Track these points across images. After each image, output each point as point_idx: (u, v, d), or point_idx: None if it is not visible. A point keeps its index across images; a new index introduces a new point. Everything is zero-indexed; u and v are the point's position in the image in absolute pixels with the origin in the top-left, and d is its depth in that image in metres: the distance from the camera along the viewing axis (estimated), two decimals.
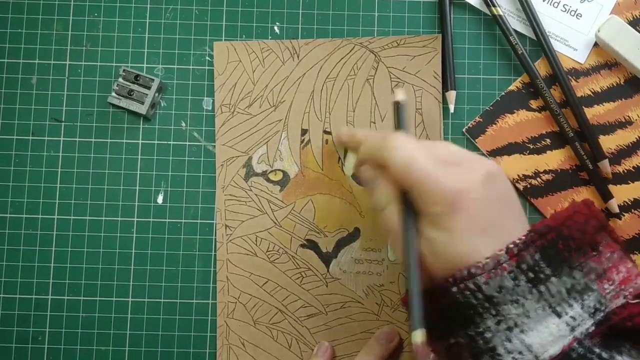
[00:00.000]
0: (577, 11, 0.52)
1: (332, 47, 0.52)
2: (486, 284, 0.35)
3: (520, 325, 0.35)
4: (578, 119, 0.50)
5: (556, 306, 0.35)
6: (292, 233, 0.51)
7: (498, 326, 0.35)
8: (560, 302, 0.35)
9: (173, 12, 0.53)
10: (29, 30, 0.52)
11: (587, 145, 0.50)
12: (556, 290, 0.35)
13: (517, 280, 0.35)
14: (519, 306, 0.35)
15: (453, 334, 0.36)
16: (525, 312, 0.35)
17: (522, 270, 0.35)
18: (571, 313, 0.35)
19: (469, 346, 0.35)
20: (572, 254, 0.36)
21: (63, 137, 0.52)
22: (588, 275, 0.36)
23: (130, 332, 0.50)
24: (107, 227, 0.51)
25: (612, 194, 0.50)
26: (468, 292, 0.35)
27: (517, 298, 0.35)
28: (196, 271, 0.51)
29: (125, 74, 0.51)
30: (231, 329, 0.50)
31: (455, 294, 0.35)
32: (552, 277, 0.35)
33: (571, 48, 0.51)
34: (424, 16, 0.53)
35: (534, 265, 0.35)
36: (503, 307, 0.35)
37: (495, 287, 0.35)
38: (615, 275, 0.36)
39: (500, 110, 0.51)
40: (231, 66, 0.52)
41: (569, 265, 0.36)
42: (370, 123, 0.51)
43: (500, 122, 0.51)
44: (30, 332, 0.51)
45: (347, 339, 0.50)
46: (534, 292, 0.35)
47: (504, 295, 0.35)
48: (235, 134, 0.52)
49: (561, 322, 0.35)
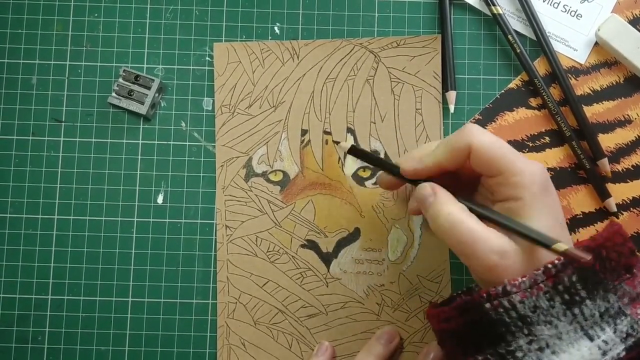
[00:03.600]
0: (577, 11, 0.52)
1: (332, 47, 0.52)
2: (521, 302, 0.34)
3: (552, 347, 0.34)
4: (577, 117, 0.50)
5: (589, 329, 0.35)
6: (292, 233, 0.51)
7: (530, 346, 0.35)
8: (593, 325, 0.35)
9: (173, 13, 0.53)
10: (29, 30, 0.52)
11: (587, 143, 0.50)
12: (590, 314, 0.35)
13: (553, 301, 0.35)
14: (552, 327, 0.35)
15: (482, 351, 0.36)
16: (557, 334, 0.34)
17: (558, 292, 0.35)
18: (603, 337, 0.35)
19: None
20: (607, 276, 0.36)
21: (63, 137, 0.52)
22: (622, 299, 0.36)
23: (130, 332, 0.50)
24: (107, 227, 0.51)
25: (609, 193, 0.50)
26: (502, 309, 0.35)
27: (551, 319, 0.35)
28: (196, 271, 0.51)
29: (125, 74, 0.51)
30: (231, 330, 0.50)
31: (489, 310, 0.35)
32: (587, 299, 0.35)
33: (571, 48, 0.51)
34: (424, 16, 0.53)
35: (570, 287, 0.35)
36: (536, 327, 0.35)
37: (530, 306, 0.35)
38: None
39: (500, 108, 0.51)
40: (231, 67, 0.52)
41: (604, 288, 0.35)
42: (370, 123, 0.51)
43: (500, 120, 0.51)
44: (30, 332, 0.50)
45: (347, 339, 0.50)
46: (568, 314, 0.35)
47: (538, 315, 0.34)
48: (235, 134, 0.52)
49: (593, 345, 0.34)
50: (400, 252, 0.50)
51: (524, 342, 0.35)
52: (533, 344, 0.35)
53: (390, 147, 0.51)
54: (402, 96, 0.51)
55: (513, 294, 0.35)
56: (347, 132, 0.51)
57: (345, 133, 0.51)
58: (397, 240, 0.50)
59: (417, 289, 0.50)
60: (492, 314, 0.35)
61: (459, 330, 0.37)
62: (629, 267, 0.36)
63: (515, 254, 0.37)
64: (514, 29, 0.51)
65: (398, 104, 0.51)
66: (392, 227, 0.51)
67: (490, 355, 0.35)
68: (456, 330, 0.37)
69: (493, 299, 0.35)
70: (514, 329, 0.35)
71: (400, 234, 0.50)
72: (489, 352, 0.36)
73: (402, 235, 0.50)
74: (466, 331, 0.37)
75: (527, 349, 0.35)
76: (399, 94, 0.51)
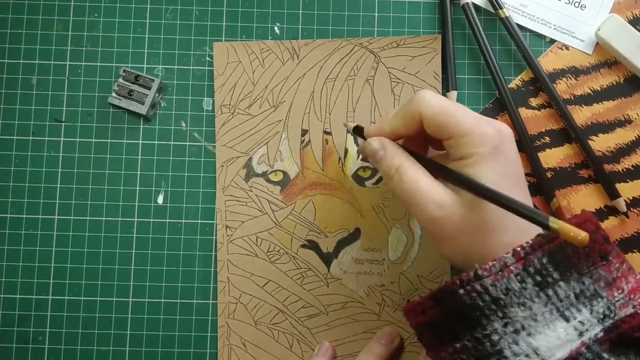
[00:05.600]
0: (580, 2, 0.52)
1: (332, 47, 0.52)
2: (493, 285, 0.35)
3: (527, 328, 0.35)
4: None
5: (564, 310, 0.35)
6: (292, 233, 0.51)
7: (505, 328, 0.35)
8: (569, 306, 0.35)
9: (173, 13, 0.53)
10: (29, 30, 0.52)
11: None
12: (564, 295, 0.35)
13: (524, 283, 0.35)
14: (525, 309, 0.35)
15: (459, 339, 0.36)
16: (532, 315, 0.35)
17: (529, 273, 0.35)
18: (579, 318, 0.35)
19: (475, 349, 0.35)
20: (582, 261, 0.36)
21: (63, 137, 0.52)
22: (597, 283, 0.36)
23: (131, 332, 0.50)
24: (107, 228, 0.51)
25: (619, 193, 0.50)
26: (475, 293, 0.35)
27: (524, 301, 0.35)
28: (196, 271, 0.51)
29: (125, 74, 0.51)
30: (232, 330, 0.50)
31: (462, 296, 0.35)
32: (560, 281, 0.35)
33: (577, 39, 0.51)
34: (424, 16, 0.53)
35: (541, 268, 0.35)
36: (510, 309, 0.35)
37: (502, 289, 0.35)
38: (625, 285, 0.37)
39: (500, 108, 0.51)
40: (231, 67, 0.52)
41: (578, 271, 0.36)
42: (370, 123, 0.51)
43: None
44: (30, 332, 0.50)
45: (348, 339, 0.50)
46: (542, 295, 0.35)
47: (510, 297, 0.35)
48: (235, 134, 0.52)
49: (569, 326, 0.35)
50: (400, 252, 0.50)
51: (499, 325, 0.35)
52: (508, 326, 0.35)
53: None
54: (402, 96, 0.51)
55: (485, 278, 0.35)
56: (347, 132, 0.51)
57: (346, 133, 0.51)
58: (398, 240, 0.50)
59: (417, 289, 0.50)
60: (466, 299, 0.35)
61: (435, 322, 0.37)
62: (604, 254, 0.37)
63: (455, 206, 0.38)
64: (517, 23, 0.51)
65: (398, 104, 0.51)
66: (392, 227, 0.51)
67: (467, 341, 0.36)
68: (432, 322, 0.37)
69: (466, 284, 0.35)
70: (488, 312, 0.35)
71: (400, 234, 0.51)
72: (466, 338, 0.36)
73: (403, 235, 0.51)
74: (442, 321, 0.37)
75: (503, 332, 0.35)
76: (399, 94, 0.51)
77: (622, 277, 0.37)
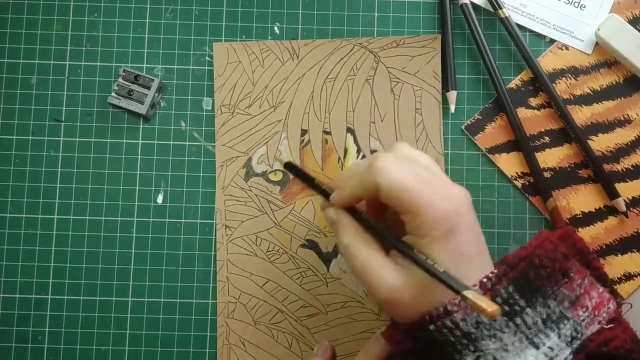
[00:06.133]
0: (580, 2, 0.52)
1: (332, 47, 0.52)
2: (463, 320, 0.35)
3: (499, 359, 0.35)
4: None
5: (533, 337, 0.35)
6: (292, 233, 0.51)
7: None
8: (537, 332, 0.35)
9: (173, 13, 0.53)
10: (28, 30, 0.52)
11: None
12: (532, 322, 0.35)
13: None
14: (496, 340, 0.35)
15: None
16: (503, 346, 0.35)
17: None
18: (548, 343, 0.35)
19: None
20: (545, 283, 0.36)
21: (63, 137, 0.52)
22: (562, 304, 0.36)
23: (130, 331, 0.50)
24: (106, 227, 0.51)
25: (619, 192, 0.50)
26: (445, 329, 0.35)
27: (495, 332, 0.35)
28: (196, 271, 0.51)
29: (125, 74, 0.51)
30: (231, 329, 0.50)
31: (433, 332, 0.35)
32: (527, 308, 0.35)
33: (577, 39, 0.52)
34: (424, 16, 0.53)
35: (508, 298, 0.35)
36: (481, 342, 0.35)
37: (473, 323, 0.35)
38: (588, 302, 0.37)
39: (500, 108, 0.51)
40: (231, 67, 0.52)
41: (543, 294, 0.36)
42: (369, 123, 0.51)
43: (500, 119, 0.51)
44: (30, 332, 0.50)
45: (347, 339, 0.50)
46: (511, 325, 0.35)
47: (481, 330, 0.35)
48: (235, 134, 0.52)
49: (539, 353, 0.35)
50: None
51: (471, 358, 0.35)
52: (480, 359, 0.35)
53: (389, 146, 0.51)
54: (401, 96, 0.51)
55: (454, 313, 0.35)
56: (346, 132, 0.51)
57: (345, 133, 0.51)
58: None
59: None
60: (436, 335, 0.35)
61: (412, 351, 0.37)
62: (565, 272, 0.37)
63: (406, 288, 0.36)
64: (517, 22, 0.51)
65: (398, 103, 0.51)
66: None
67: None
68: (410, 351, 0.38)
69: (436, 320, 0.35)
70: (460, 347, 0.35)
71: None
72: None
73: None
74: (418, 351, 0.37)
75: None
76: (398, 94, 0.51)
77: (584, 294, 0.37)
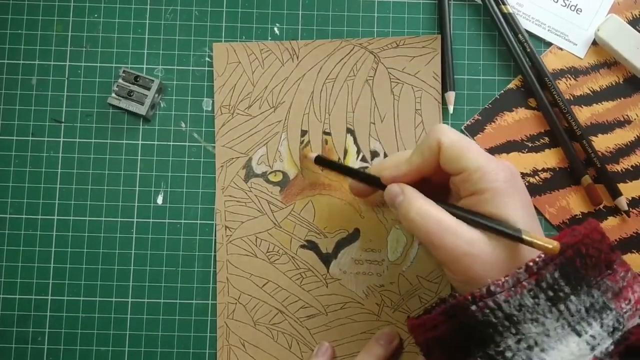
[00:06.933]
0: (577, 6, 0.52)
1: (332, 48, 0.52)
2: (506, 302, 0.35)
3: (541, 344, 0.34)
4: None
5: (576, 325, 0.35)
6: (292, 234, 0.51)
7: (518, 345, 0.35)
8: (580, 320, 0.35)
9: (173, 13, 0.53)
10: (28, 31, 0.53)
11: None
12: (575, 309, 0.35)
13: (537, 298, 0.35)
14: (539, 325, 0.35)
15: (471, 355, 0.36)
16: (545, 331, 0.35)
17: (542, 289, 0.35)
18: (591, 332, 0.35)
19: None
20: (589, 272, 0.36)
21: (63, 137, 0.52)
22: (605, 294, 0.36)
23: (130, 332, 0.50)
24: (106, 228, 0.51)
25: (621, 192, 0.50)
26: (487, 310, 0.35)
27: (537, 317, 0.35)
28: (196, 272, 0.51)
29: (125, 74, 0.51)
30: (231, 330, 0.50)
31: (475, 312, 0.35)
32: (571, 295, 0.35)
33: (571, 43, 0.52)
34: (424, 17, 0.53)
35: (553, 283, 0.35)
36: (523, 325, 0.35)
37: (516, 305, 0.35)
38: (631, 295, 0.37)
39: (499, 108, 0.51)
40: (231, 67, 0.52)
41: (587, 283, 0.36)
42: (369, 124, 0.51)
43: (499, 120, 0.51)
44: (30, 333, 0.50)
45: (347, 340, 0.50)
46: (554, 310, 0.35)
47: (524, 313, 0.35)
48: (235, 135, 0.52)
49: (581, 341, 0.35)
50: (399, 252, 0.50)
51: (512, 341, 0.35)
52: (521, 342, 0.35)
53: (389, 147, 0.51)
54: (401, 97, 0.51)
55: (497, 294, 0.35)
56: (346, 133, 0.51)
57: (345, 133, 0.51)
58: (397, 240, 0.50)
59: (416, 290, 0.50)
60: (478, 315, 0.35)
61: (446, 337, 0.37)
62: (609, 263, 0.37)
63: (484, 243, 0.37)
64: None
65: (398, 104, 0.51)
66: (391, 228, 0.51)
67: (480, 358, 0.35)
68: (443, 338, 0.37)
69: (478, 301, 0.35)
70: (502, 329, 0.35)
71: (399, 234, 0.50)
72: (479, 355, 0.36)
73: (402, 235, 0.50)
74: (453, 337, 0.37)
75: (516, 348, 0.35)
76: (398, 95, 0.51)
77: (628, 287, 0.37)
